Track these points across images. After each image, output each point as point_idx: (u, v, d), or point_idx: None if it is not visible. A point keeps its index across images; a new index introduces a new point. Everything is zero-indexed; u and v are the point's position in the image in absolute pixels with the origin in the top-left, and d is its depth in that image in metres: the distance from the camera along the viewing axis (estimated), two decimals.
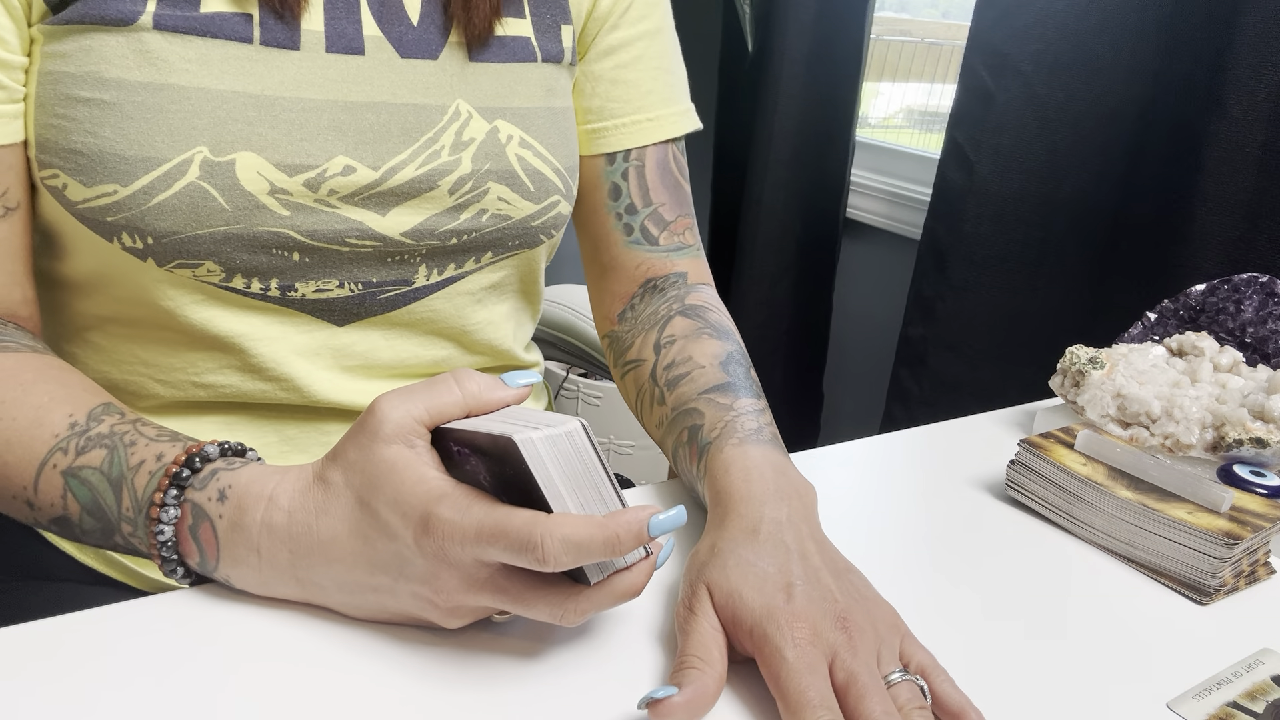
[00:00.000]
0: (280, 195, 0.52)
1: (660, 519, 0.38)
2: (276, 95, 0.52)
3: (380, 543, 0.40)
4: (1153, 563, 0.55)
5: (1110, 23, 1.15)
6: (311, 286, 0.56)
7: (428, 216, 0.57)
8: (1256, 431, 0.60)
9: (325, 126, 0.53)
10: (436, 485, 0.39)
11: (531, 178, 0.59)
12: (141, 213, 0.50)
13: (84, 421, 0.46)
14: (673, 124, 0.67)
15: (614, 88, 0.65)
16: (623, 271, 0.68)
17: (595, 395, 1.61)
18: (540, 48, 0.61)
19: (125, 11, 0.49)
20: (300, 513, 0.42)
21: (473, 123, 0.57)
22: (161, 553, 0.43)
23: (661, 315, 0.64)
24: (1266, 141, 1.01)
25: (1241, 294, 0.74)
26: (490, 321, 0.65)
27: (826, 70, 1.59)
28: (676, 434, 0.56)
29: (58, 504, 0.46)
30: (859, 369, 1.81)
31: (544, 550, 0.36)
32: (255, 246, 0.53)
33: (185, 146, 0.50)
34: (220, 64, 0.51)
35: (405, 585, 0.40)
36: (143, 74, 0.50)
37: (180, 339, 0.56)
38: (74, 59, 0.49)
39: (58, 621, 0.42)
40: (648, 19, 0.66)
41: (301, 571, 0.42)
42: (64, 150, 0.50)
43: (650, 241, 0.67)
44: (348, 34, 0.54)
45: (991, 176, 1.27)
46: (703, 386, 0.56)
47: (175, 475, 0.43)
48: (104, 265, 0.54)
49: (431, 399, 0.41)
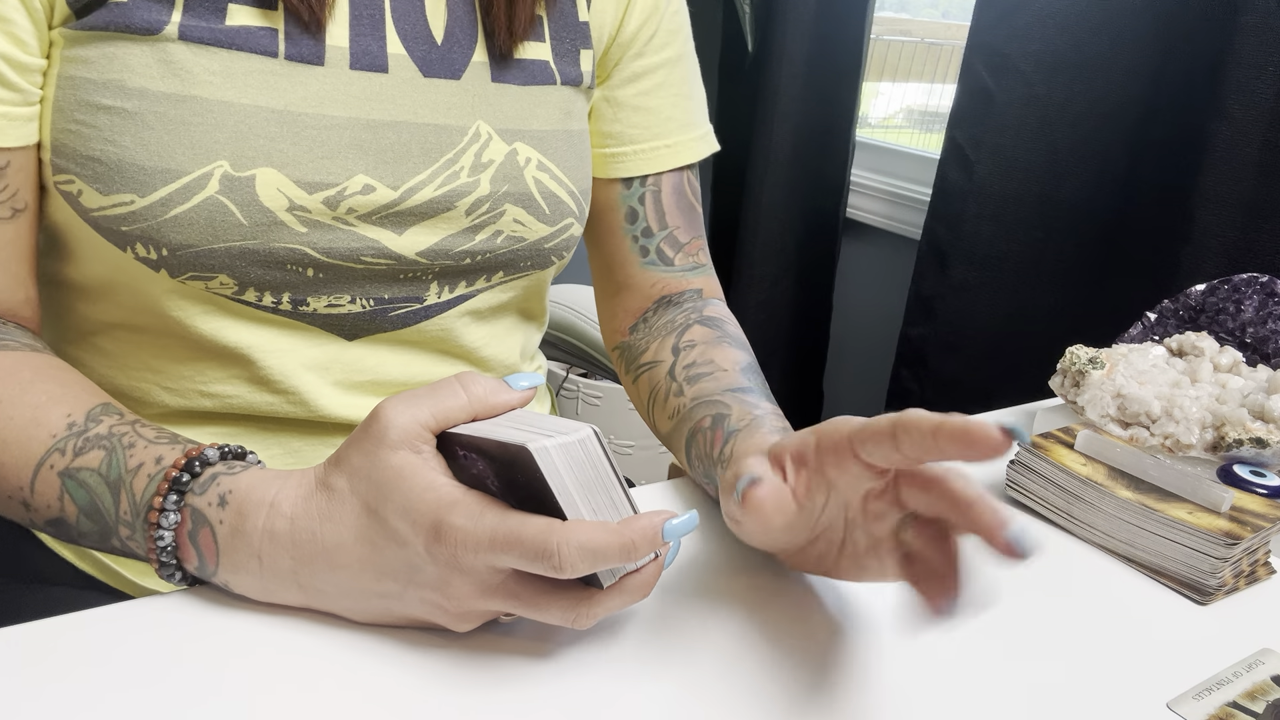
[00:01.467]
0: (299, 212, 0.52)
1: (674, 524, 0.38)
2: (299, 111, 0.52)
3: (389, 550, 0.40)
4: (1153, 563, 0.55)
5: (1110, 23, 1.15)
6: (323, 301, 0.56)
7: (443, 237, 0.56)
8: (1256, 431, 0.60)
9: (346, 144, 0.53)
10: (447, 492, 0.39)
11: (547, 200, 0.59)
12: (158, 224, 0.50)
13: (82, 422, 0.46)
14: (690, 149, 0.68)
15: (635, 114, 0.66)
16: (637, 290, 0.69)
17: (595, 395, 1.61)
18: (559, 71, 0.60)
19: (151, 21, 0.49)
20: (304, 519, 0.41)
21: (492, 144, 0.57)
22: (160, 558, 0.43)
23: (679, 323, 0.65)
24: (1266, 141, 1.01)
25: (1241, 294, 0.74)
26: (497, 337, 0.65)
27: (826, 70, 1.59)
28: (696, 420, 0.56)
29: (54, 505, 0.45)
30: (859, 369, 1.81)
31: (560, 558, 0.36)
32: (270, 262, 0.52)
33: (206, 160, 0.50)
34: (244, 77, 0.50)
35: (415, 591, 0.40)
36: (166, 85, 0.49)
37: (188, 348, 0.56)
38: (96, 65, 0.49)
39: (49, 624, 0.42)
40: (671, 45, 0.67)
41: (304, 578, 0.42)
42: (81, 157, 0.49)
43: (666, 263, 0.68)
44: (372, 51, 0.54)
45: (991, 176, 1.27)
46: (726, 385, 0.57)
47: (175, 480, 0.43)
48: (114, 272, 0.53)
49: (437, 404, 0.41)
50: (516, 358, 0.68)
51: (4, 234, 0.51)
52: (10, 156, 0.50)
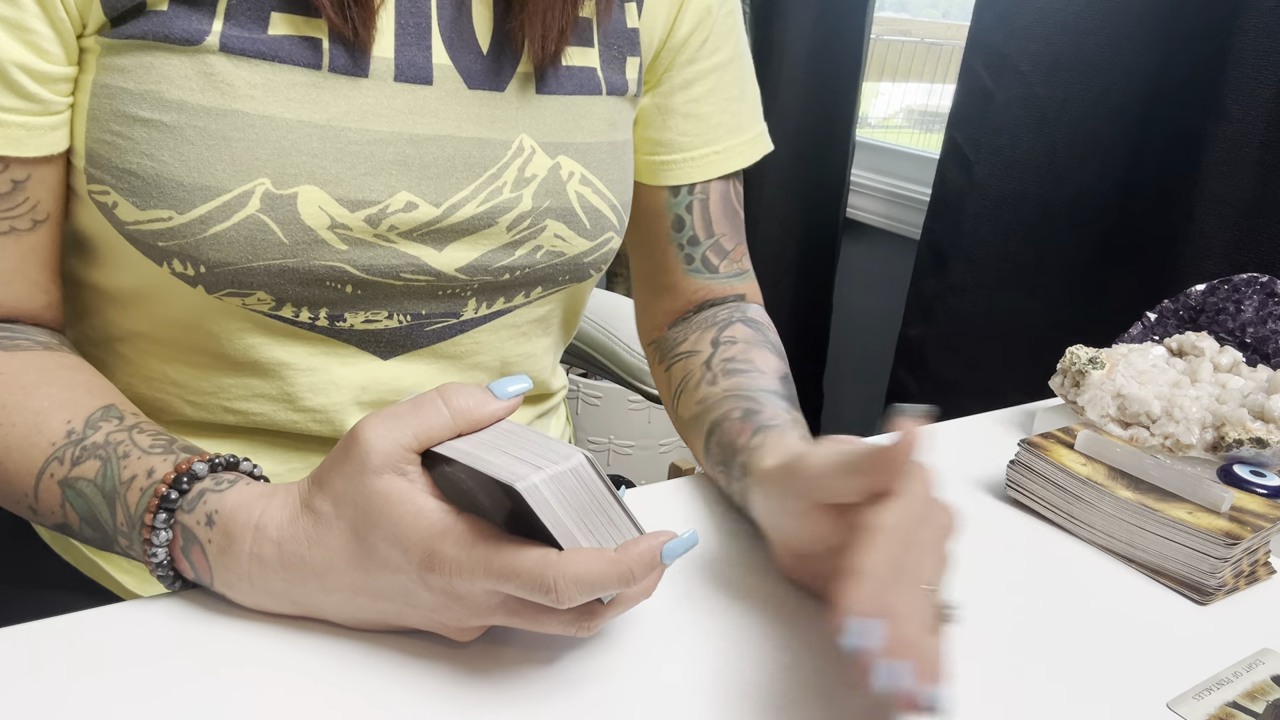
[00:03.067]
0: (340, 230, 0.51)
1: (672, 545, 0.38)
2: (342, 126, 0.50)
3: (382, 575, 0.39)
4: (1153, 563, 0.55)
5: (1110, 23, 1.15)
6: (360, 317, 0.54)
7: (483, 252, 0.55)
8: (1256, 431, 0.60)
9: (390, 161, 0.51)
10: (438, 519, 0.38)
11: (589, 215, 0.58)
12: (196, 241, 0.48)
13: (81, 429, 0.45)
14: (740, 155, 0.67)
15: (685, 121, 0.64)
16: (680, 295, 0.69)
17: (595, 395, 1.61)
18: (606, 80, 0.59)
19: (191, 31, 0.47)
20: (290, 543, 0.40)
21: (535, 158, 0.55)
22: (158, 572, 0.43)
23: (721, 319, 0.65)
24: (1266, 141, 1.01)
25: (1241, 294, 0.74)
26: (532, 354, 0.63)
27: (826, 70, 1.59)
28: (725, 410, 0.55)
29: (57, 512, 0.45)
30: (859, 369, 1.81)
31: (559, 593, 0.36)
32: (309, 280, 0.51)
33: (247, 177, 0.48)
34: (286, 91, 0.49)
35: (413, 611, 0.40)
36: (206, 98, 0.47)
37: (216, 362, 0.54)
38: (134, 75, 0.47)
39: (43, 625, 0.42)
40: (724, 49, 0.65)
41: (298, 597, 0.42)
42: (117, 169, 0.48)
43: (711, 270, 0.68)
44: (417, 62, 0.52)
45: (991, 176, 1.27)
46: (762, 386, 0.56)
47: (164, 497, 0.42)
48: (147, 284, 0.52)
49: (419, 423, 0.39)
50: (548, 374, 0.67)
51: (25, 243, 0.50)
52: (31, 169, 0.48)
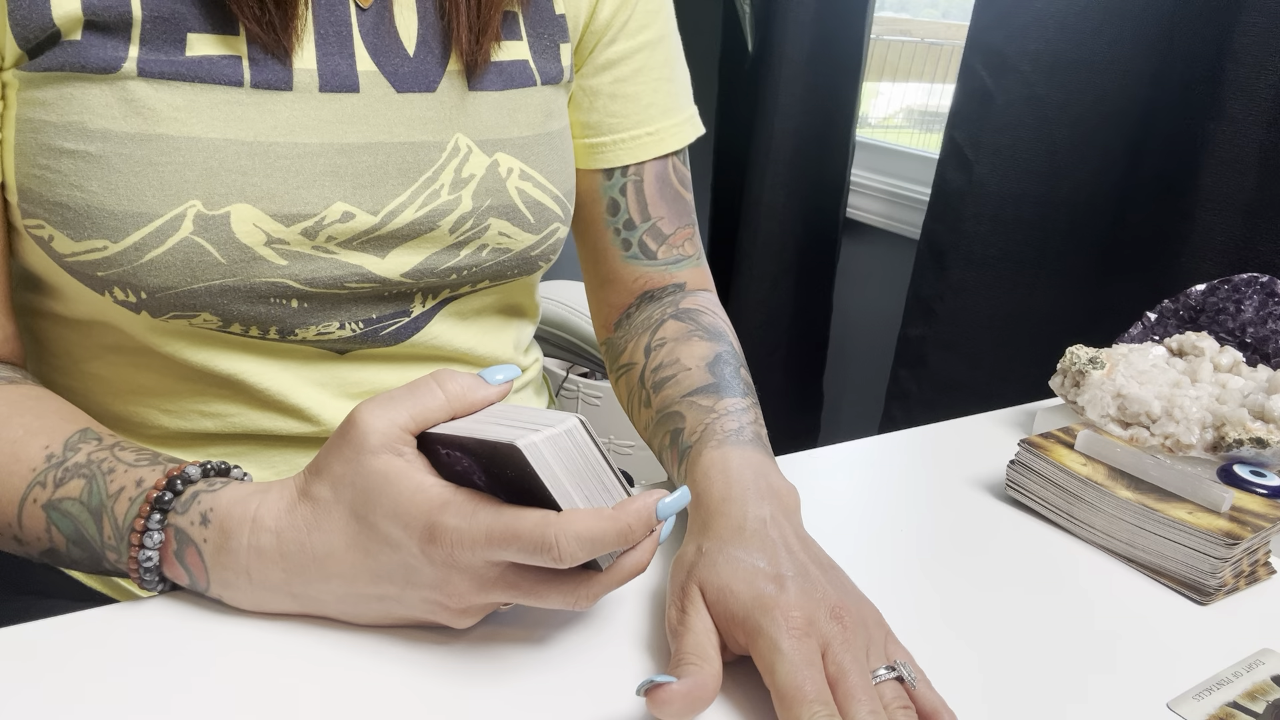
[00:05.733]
0: (277, 245, 0.50)
1: (667, 501, 0.39)
2: (270, 141, 0.50)
3: (383, 555, 0.40)
4: (1153, 563, 0.55)
5: (1110, 23, 1.15)
6: (312, 331, 0.54)
7: (427, 256, 0.55)
8: (1256, 431, 0.60)
9: (321, 172, 0.51)
10: (437, 493, 0.39)
11: (532, 210, 0.58)
12: (133, 269, 0.48)
13: (60, 452, 0.45)
14: (673, 136, 0.66)
15: (613, 102, 0.63)
16: (621, 284, 0.68)
17: (595, 395, 1.61)
18: (539, 70, 0.58)
19: (107, 59, 0.46)
20: (290, 531, 0.41)
21: (472, 158, 0.55)
22: (144, 577, 0.43)
23: (655, 319, 0.63)
24: (1266, 142, 1.01)
25: (1241, 294, 0.74)
26: (488, 335, 0.64)
27: (826, 70, 1.59)
28: (660, 438, 0.56)
29: (43, 538, 0.45)
30: (859, 369, 1.81)
31: (560, 550, 0.36)
32: (253, 297, 0.51)
33: (177, 201, 0.48)
34: (210, 110, 0.48)
35: (414, 592, 0.40)
36: (129, 125, 0.47)
37: (182, 375, 0.54)
38: (55, 108, 0.47)
39: (38, 626, 0.42)
40: (648, 29, 0.64)
41: (297, 588, 0.42)
42: (49, 203, 0.47)
43: (648, 256, 0.66)
44: (341, 71, 0.52)
45: (990, 176, 1.27)
46: (686, 389, 0.56)
47: (157, 499, 0.42)
48: (97, 312, 0.52)
49: (415, 405, 0.40)
50: (510, 352, 0.67)
51: None
52: None
